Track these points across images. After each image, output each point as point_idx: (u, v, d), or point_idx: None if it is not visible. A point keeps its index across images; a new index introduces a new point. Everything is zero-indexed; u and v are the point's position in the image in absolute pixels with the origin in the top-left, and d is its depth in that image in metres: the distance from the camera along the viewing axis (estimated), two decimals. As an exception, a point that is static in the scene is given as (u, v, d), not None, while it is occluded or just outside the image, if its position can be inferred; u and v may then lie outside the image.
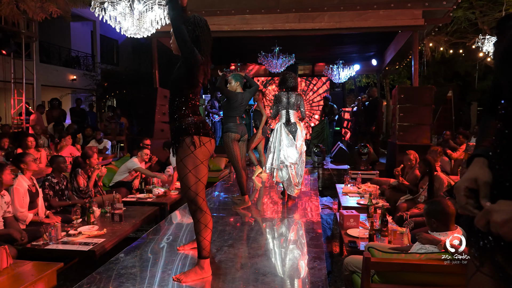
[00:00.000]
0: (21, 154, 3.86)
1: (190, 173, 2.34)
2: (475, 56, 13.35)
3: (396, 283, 2.24)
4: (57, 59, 13.62)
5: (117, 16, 4.20)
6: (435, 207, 2.38)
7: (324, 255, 2.85)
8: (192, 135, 2.35)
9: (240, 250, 2.96)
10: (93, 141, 7.52)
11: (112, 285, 2.36)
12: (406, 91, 6.54)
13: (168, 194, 5.22)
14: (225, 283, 2.37)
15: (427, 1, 6.59)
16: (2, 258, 2.75)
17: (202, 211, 2.38)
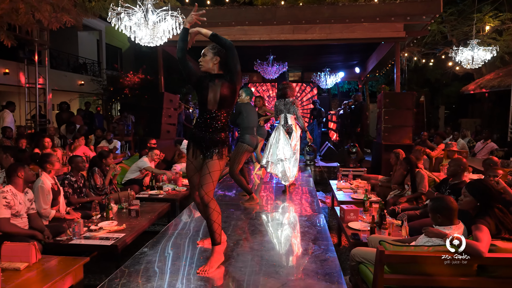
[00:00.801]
0: (45, 155, 3.70)
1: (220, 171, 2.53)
2: (444, 65, 13.56)
3: (406, 273, 2.19)
4: (66, 65, 13.28)
5: (132, 26, 4.07)
6: (439, 203, 2.35)
7: (333, 247, 2.79)
8: (222, 148, 2.52)
9: (255, 243, 2.88)
10: (103, 141, 7.33)
11: (141, 279, 2.26)
12: (391, 96, 6.56)
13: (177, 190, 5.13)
14: (247, 276, 2.29)
15: (409, 16, 6.61)
16: (31, 254, 2.62)
17: (214, 202, 2.49)
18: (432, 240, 2.25)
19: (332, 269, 2.38)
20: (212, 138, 2.49)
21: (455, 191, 3.63)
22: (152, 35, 4.20)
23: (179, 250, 2.72)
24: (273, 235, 3.12)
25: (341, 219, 3.68)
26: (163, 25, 4.15)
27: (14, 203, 3.11)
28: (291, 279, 2.22)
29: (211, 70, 2.55)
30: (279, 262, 2.49)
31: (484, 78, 10.48)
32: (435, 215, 2.34)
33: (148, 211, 4.05)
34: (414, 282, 2.17)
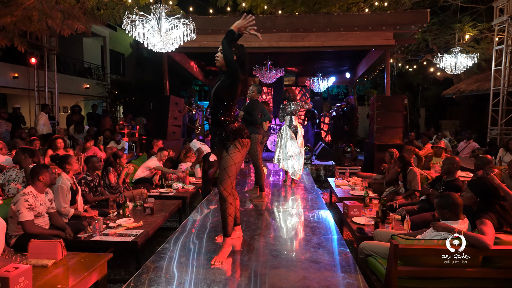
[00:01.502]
0: (65, 156, 3.60)
1: (234, 165, 2.44)
2: (426, 70, 13.73)
3: (416, 265, 2.19)
4: (72, 70, 13.06)
5: (146, 33, 3.99)
6: (446, 199, 2.35)
7: (344, 241, 2.78)
8: (236, 140, 2.44)
9: (270, 238, 2.85)
10: (112, 142, 7.21)
11: (168, 274, 2.21)
12: (383, 99, 6.60)
13: (185, 188, 5.08)
14: (268, 269, 2.26)
15: (398, 25, 6.66)
16: (57, 251, 2.55)
17: (230, 195, 2.45)
18: (440, 234, 2.25)
19: (347, 261, 2.36)
20: (221, 133, 2.46)
21: (449, 187, 3.66)
22: (165, 42, 4.13)
23: (200, 246, 2.67)
24: (285, 230, 3.09)
25: (344, 214, 3.68)
26: (175, 32, 4.09)
27: (35, 205, 3.02)
28: (310, 272, 2.20)
29: (223, 66, 2.49)
30: (295, 256, 2.47)
31: (464, 82, 10.64)
32: (442, 210, 2.35)
33: (161, 208, 3.99)
34: (425, 273, 2.17)
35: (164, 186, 5.13)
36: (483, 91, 9.24)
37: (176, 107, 7.11)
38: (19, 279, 2.08)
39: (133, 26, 3.97)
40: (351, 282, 2.06)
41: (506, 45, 7.07)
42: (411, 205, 3.88)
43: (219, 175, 2.48)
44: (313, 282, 2.08)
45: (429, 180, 4.69)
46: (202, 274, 2.20)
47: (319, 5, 8.05)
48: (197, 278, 2.15)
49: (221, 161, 2.47)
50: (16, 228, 2.97)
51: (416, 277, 2.19)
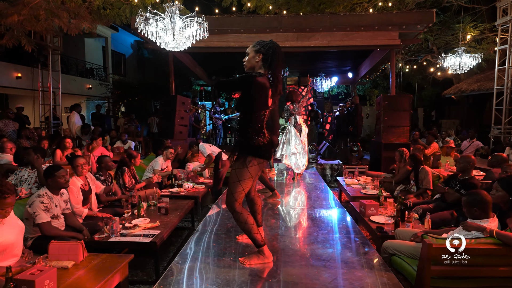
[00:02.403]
0: (75, 158, 3.51)
1: (238, 182, 2.20)
2: (425, 71, 13.74)
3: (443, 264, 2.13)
4: (75, 70, 12.91)
5: (159, 31, 3.91)
6: (474, 197, 2.30)
7: (367, 240, 2.72)
8: (249, 155, 2.20)
9: (292, 238, 2.78)
10: (118, 142, 7.11)
11: (195, 275, 2.14)
12: (389, 99, 6.55)
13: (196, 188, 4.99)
14: (298, 269, 2.20)
15: (405, 25, 6.61)
16: (79, 252, 2.46)
17: (237, 212, 2.22)
18: (471, 233, 2.20)
19: (376, 261, 2.30)
20: (243, 143, 2.22)
21: (465, 186, 3.62)
22: (178, 41, 4.05)
23: (222, 246, 2.60)
24: (305, 229, 3.03)
25: (361, 213, 3.62)
26: (188, 31, 4.01)
27: (51, 206, 2.94)
28: (341, 272, 2.14)
29: (254, 68, 2.26)
30: (323, 256, 2.41)
31: (464, 82, 10.64)
32: (471, 208, 2.29)
33: (174, 208, 3.91)
34: (458, 273, 2.11)
35: (175, 185, 5.05)
36: (484, 90, 9.25)
37: (183, 107, 7.03)
38: (44, 282, 2.00)
39: (146, 25, 3.88)
40: (386, 282, 2.00)
41: (510, 45, 7.06)
42: (426, 204, 3.83)
43: (232, 186, 2.23)
44: (346, 282, 2.01)
45: (441, 179, 4.65)
46: (231, 275, 2.13)
47: (324, 5, 8.00)
48: (226, 279, 2.08)
49: (232, 173, 2.25)
50: (32, 230, 2.88)
51: (447, 276, 2.13)
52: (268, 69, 2.23)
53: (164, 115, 6.95)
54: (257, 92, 2.14)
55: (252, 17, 7.04)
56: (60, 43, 8.66)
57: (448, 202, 3.69)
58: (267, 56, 2.22)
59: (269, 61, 2.21)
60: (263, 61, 2.23)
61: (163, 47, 4.31)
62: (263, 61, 2.23)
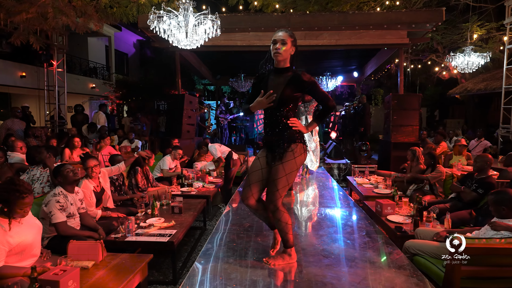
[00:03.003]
0: (87, 159, 3.46)
1: (285, 177, 2.11)
2: (430, 70, 13.70)
3: (477, 265, 2.09)
4: (78, 69, 12.87)
5: (173, 29, 3.86)
6: (503, 195, 2.26)
7: (390, 239, 2.68)
8: (294, 143, 2.14)
9: (313, 238, 2.74)
10: (125, 141, 7.07)
11: (220, 275, 2.10)
12: (399, 98, 6.51)
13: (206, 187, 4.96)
14: (324, 269, 2.16)
15: (414, 24, 6.57)
16: (98, 252, 2.43)
17: (280, 211, 2.16)
18: (501, 233, 2.16)
19: (402, 261, 2.27)
20: (278, 139, 2.14)
21: (482, 185, 3.59)
22: (191, 38, 4.01)
23: (244, 246, 2.56)
24: (325, 229, 2.99)
25: (377, 212, 3.58)
26: (201, 28, 3.97)
27: (67, 205, 2.90)
28: (368, 273, 2.10)
29: (284, 61, 2.18)
30: (346, 256, 2.37)
31: (470, 82, 10.60)
32: (499, 207, 2.26)
33: (187, 207, 3.87)
34: (487, 273, 2.08)
35: (185, 185, 5.01)
36: (491, 90, 9.21)
37: (190, 106, 6.99)
38: (68, 282, 1.96)
39: (159, 22, 3.84)
40: (417, 282, 1.96)
41: (519, 44, 7.04)
42: (442, 203, 3.79)
43: (269, 186, 2.16)
44: (375, 283, 1.98)
45: (454, 178, 4.61)
46: (257, 275, 2.09)
47: (331, 4, 7.95)
48: (252, 279, 2.04)
49: (271, 172, 2.15)
50: (48, 229, 2.84)
51: (477, 277, 2.09)
52: (291, 64, 2.21)
53: (172, 114, 6.91)
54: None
55: (260, 15, 7.00)
56: (65, 42, 8.60)
57: (465, 202, 3.66)
58: (296, 52, 2.20)
59: (295, 57, 2.19)
60: (292, 56, 2.19)
61: (175, 45, 4.27)
62: (292, 55, 2.20)
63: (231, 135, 10.13)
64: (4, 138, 5.63)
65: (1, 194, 2.17)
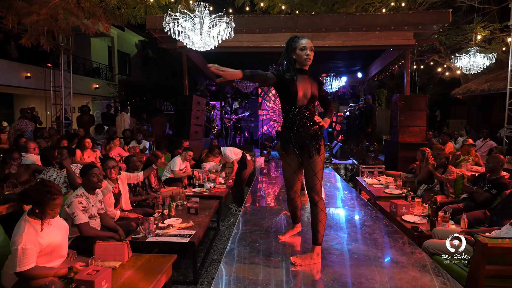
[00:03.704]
0: (107, 160, 3.50)
1: (322, 171, 2.35)
2: (432, 71, 13.77)
3: (501, 264, 2.14)
4: (82, 70, 12.87)
5: (188, 31, 3.90)
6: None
7: (411, 239, 2.73)
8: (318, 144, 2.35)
9: (334, 238, 2.78)
10: (133, 142, 7.10)
11: (248, 274, 2.14)
12: (406, 99, 6.57)
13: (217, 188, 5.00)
14: (350, 268, 2.20)
15: (420, 25, 6.63)
16: (125, 252, 2.47)
17: (322, 200, 2.34)
18: (523, 232, 2.21)
19: (425, 261, 2.31)
20: (307, 135, 2.31)
21: (495, 185, 3.64)
22: (206, 40, 4.04)
23: (266, 246, 2.60)
24: (343, 229, 3.03)
25: (392, 212, 3.63)
26: (216, 30, 4.00)
27: (89, 206, 2.94)
28: (394, 272, 2.14)
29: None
30: (370, 256, 2.41)
31: (473, 82, 10.68)
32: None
33: (201, 208, 3.90)
34: (511, 272, 2.12)
35: (196, 186, 5.05)
36: (495, 90, 9.28)
37: (198, 107, 7.02)
38: (101, 282, 2.00)
39: (175, 24, 3.87)
40: (443, 281, 2.01)
41: (524, 45, 7.11)
42: (455, 203, 3.84)
43: (310, 180, 2.32)
44: (403, 282, 2.02)
45: (464, 179, 4.67)
46: (285, 276, 2.13)
47: (338, 5, 8.00)
48: (280, 279, 2.08)
49: (310, 166, 2.31)
50: (70, 230, 2.87)
51: (501, 276, 2.14)
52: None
53: (180, 115, 6.94)
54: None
55: (268, 16, 7.04)
56: (71, 43, 8.62)
57: (478, 202, 3.71)
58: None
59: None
60: None
61: (189, 47, 4.30)
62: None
63: (235, 135, 10.17)
64: (15, 139, 5.65)
65: (33, 196, 2.20)
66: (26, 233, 2.15)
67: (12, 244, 2.13)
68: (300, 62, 2.33)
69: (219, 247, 3.92)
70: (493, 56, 7.33)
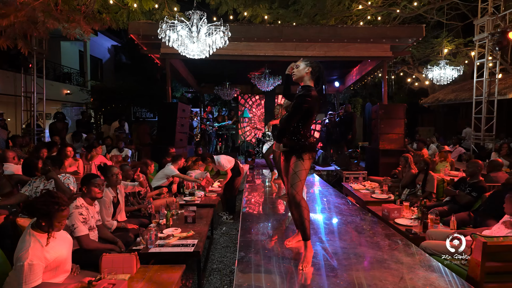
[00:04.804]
0: (108, 168, 3.39)
1: (295, 174, 2.51)
2: (402, 81, 14.59)
3: (499, 261, 2.32)
4: (52, 75, 12.28)
5: (185, 39, 3.89)
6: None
7: (410, 241, 2.88)
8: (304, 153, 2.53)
9: (337, 242, 2.87)
10: (114, 150, 6.86)
11: (265, 281, 2.16)
12: (385, 108, 6.91)
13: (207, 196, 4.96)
14: (362, 271, 2.29)
15: (397, 38, 7.05)
16: (133, 264, 2.40)
17: (302, 206, 2.48)
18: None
19: (429, 261, 2.45)
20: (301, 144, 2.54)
21: (476, 189, 3.93)
22: (202, 49, 4.05)
23: (276, 252, 2.64)
24: (346, 234, 3.13)
25: (384, 216, 3.80)
26: (212, 38, 4.02)
27: (88, 218, 2.84)
28: (403, 273, 2.25)
29: (299, 79, 2.59)
30: (376, 257, 2.52)
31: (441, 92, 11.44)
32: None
33: (196, 216, 3.86)
34: (507, 268, 2.31)
35: (187, 194, 4.98)
36: (460, 100, 10.00)
37: (183, 114, 6.96)
38: (119, 296, 1.94)
39: (173, 31, 3.85)
40: (450, 280, 2.14)
41: (487, 60, 7.75)
42: (440, 206, 4.09)
43: (291, 179, 2.50)
44: (413, 281, 2.13)
45: (444, 183, 4.98)
46: (303, 281, 2.18)
47: (319, 17, 8.30)
48: (302, 284, 2.13)
49: (292, 166, 2.51)
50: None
51: (498, 272, 2.32)
52: (316, 82, 2.59)
53: (164, 122, 6.83)
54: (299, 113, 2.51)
55: (254, 26, 7.18)
56: (45, 47, 8.23)
57: (461, 204, 3.98)
58: (314, 73, 2.58)
59: (315, 78, 2.59)
60: (311, 74, 2.59)
61: (184, 54, 4.28)
62: (311, 74, 2.58)
63: (217, 143, 10.14)
64: (-13, 148, 5.29)
65: (41, 208, 2.10)
66: (32, 248, 2.04)
67: (17, 260, 2.01)
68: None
69: (216, 256, 3.89)
70: (461, 69, 7.93)
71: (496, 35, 7.14)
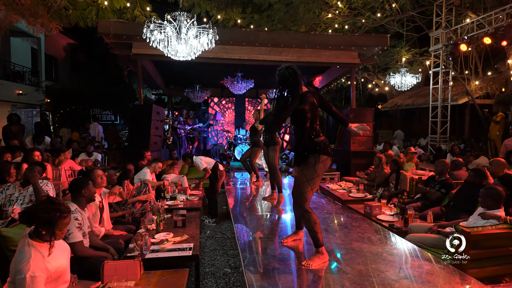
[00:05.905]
0: (92, 170, 3.23)
1: (307, 182, 2.50)
2: (363, 87, 15.48)
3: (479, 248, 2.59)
4: (2, 73, 11.25)
5: (173, 40, 3.82)
6: (493, 191, 2.83)
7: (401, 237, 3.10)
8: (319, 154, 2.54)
9: (332, 239, 3.02)
10: (83, 154, 6.49)
11: (277, 278, 2.22)
12: (356, 112, 7.32)
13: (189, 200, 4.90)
14: (362, 266, 2.44)
15: (365, 46, 7.51)
16: (137, 271, 2.34)
17: (308, 212, 2.52)
18: (490, 221, 2.72)
19: (421, 252, 2.67)
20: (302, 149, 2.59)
21: (444, 186, 4.32)
22: (189, 50, 4.01)
23: (277, 251, 2.71)
24: (339, 231, 3.28)
25: (366, 213, 4.03)
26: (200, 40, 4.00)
27: (83, 223, 2.71)
28: (402, 265, 2.44)
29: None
30: (373, 252, 2.68)
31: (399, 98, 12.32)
32: (487, 198, 2.82)
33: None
34: (485, 255, 2.60)
35: (168, 198, 4.87)
36: (417, 105, 10.87)
37: (158, 117, 6.78)
38: (134, 303, 1.88)
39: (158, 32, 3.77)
40: (443, 267, 2.37)
41: (441, 68, 8.54)
42: (414, 203, 4.44)
43: (300, 187, 2.52)
44: (412, 269, 2.33)
45: (413, 181, 5.40)
46: (311, 277, 2.27)
47: (291, 23, 8.57)
48: (311, 279, 2.22)
49: (300, 174, 2.54)
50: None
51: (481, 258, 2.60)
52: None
53: (137, 125, 6.60)
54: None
55: (229, 29, 7.22)
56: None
57: (431, 200, 4.35)
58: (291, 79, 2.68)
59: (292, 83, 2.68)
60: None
61: (169, 56, 4.20)
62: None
63: (188, 145, 9.98)
64: None
65: (42, 216, 1.97)
66: (33, 259, 1.92)
67: (18, 273, 1.87)
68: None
69: (206, 259, 3.85)
70: (420, 76, 8.64)
71: (449, 46, 7.90)
